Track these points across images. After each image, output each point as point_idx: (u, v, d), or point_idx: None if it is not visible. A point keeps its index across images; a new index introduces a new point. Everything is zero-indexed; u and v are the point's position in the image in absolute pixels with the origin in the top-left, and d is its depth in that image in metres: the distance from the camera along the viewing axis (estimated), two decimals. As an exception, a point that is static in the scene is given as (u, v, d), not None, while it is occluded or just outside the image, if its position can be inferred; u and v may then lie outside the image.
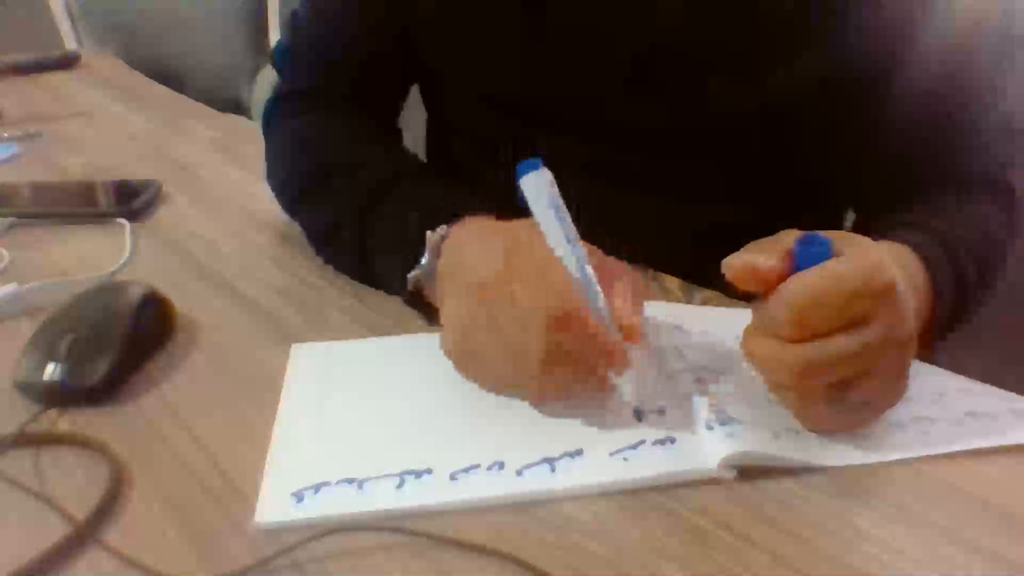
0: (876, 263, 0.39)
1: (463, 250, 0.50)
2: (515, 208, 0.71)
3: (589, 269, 0.44)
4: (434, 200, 0.56)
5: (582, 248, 0.44)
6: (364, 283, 0.60)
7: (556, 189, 0.44)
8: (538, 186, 0.43)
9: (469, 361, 0.47)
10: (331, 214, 0.62)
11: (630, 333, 0.44)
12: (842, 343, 0.38)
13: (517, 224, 0.48)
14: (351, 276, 0.61)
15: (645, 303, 0.55)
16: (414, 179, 0.61)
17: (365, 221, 0.58)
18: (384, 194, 0.58)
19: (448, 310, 0.48)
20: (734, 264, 0.40)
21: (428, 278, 0.52)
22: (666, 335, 0.52)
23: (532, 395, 0.46)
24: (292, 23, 0.74)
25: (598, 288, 0.44)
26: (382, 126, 0.74)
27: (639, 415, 0.45)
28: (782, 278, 0.39)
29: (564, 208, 0.44)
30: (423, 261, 0.52)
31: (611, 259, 0.48)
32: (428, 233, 0.52)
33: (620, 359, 0.44)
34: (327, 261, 0.64)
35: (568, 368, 0.44)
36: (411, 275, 0.53)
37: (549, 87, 0.65)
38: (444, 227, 0.52)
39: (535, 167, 0.44)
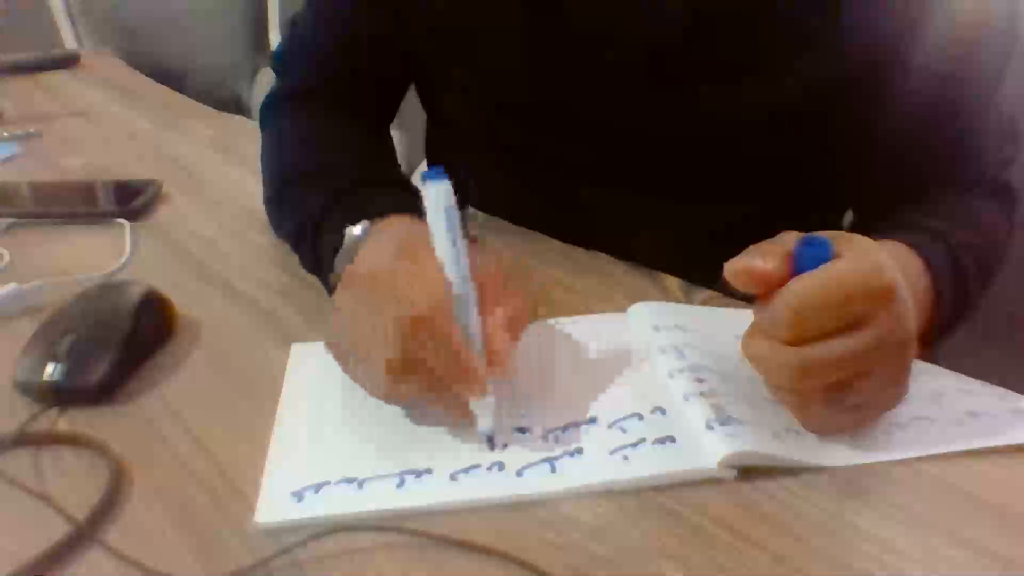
0: (876, 265, 0.39)
1: (363, 247, 0.50)
2: (513, 209, 0.71)
3: (469, 284, 0.43)
4: (379, 208, 0.55)
5: (467, 262, 0.43)
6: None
7: (453, 201, 0.44)
8: (436, 195, 0.43)
9: (341, 352, 0.46)
10: (292, 221, 0.62)
11: (494, 358, 0.43)
12: (841, 345, 0.38)
13: (420, 227, 0.46)
14: None
15: (654, 303, 0.56)
16: (372, 188, 0.60)
17: (319, 232, 0.58)
18: (336, 203, 0.57)
19: (334, 301, 0.47)
20: (735, 267, 0.40)
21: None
22: (666, 335, 0.52)
23: (381, 395, 0.44)
24: (291, 26, 0.75)
25: (473, 304, 0.43)
26: (373, 127, 0.74)
27: (491, 444, 0.43)
28: (783, 280, 0.39)
29: (458, 220, 0.43)
30: (338, 257, 0.52)
31: (505, 281, 0.46)
32: (347, 228, 0.52)
33: (476, 381, 0.42)
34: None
35: (421, 377, 0.42)
36: (333, 275, 0.53)
37: (551, 89, 0.65)
38: (366, 223, 0.52)
39: (438, 175, 0.43)
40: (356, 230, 0.52)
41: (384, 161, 0.69)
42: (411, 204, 0.51)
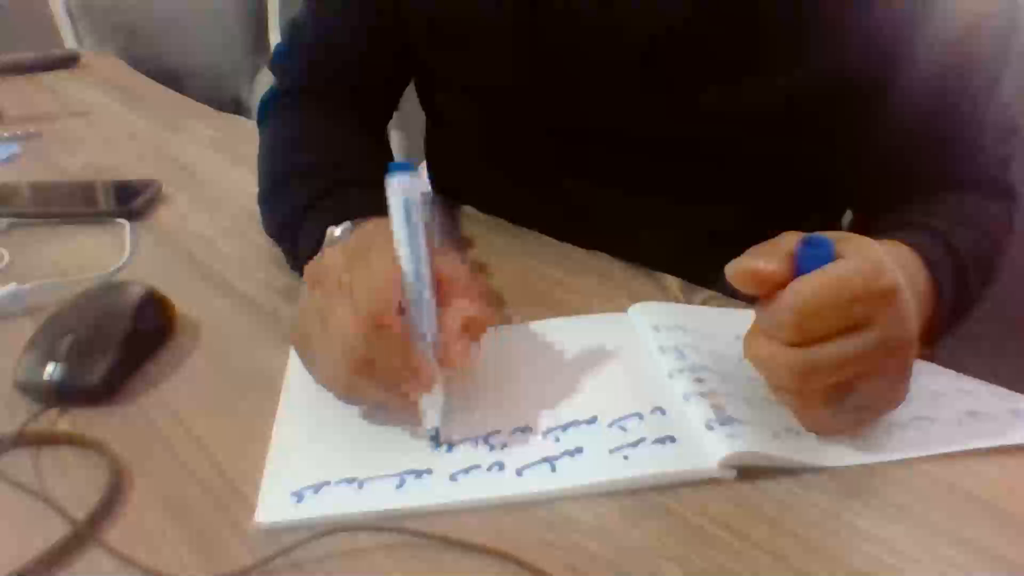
0: (878, 265, 0.39)
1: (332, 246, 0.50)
2: (513, 208, 0.71)
3: (425, 282, 0.43)
4: (357, 209, 0.54)
5: (426, 259, 0.43)
6: None
7: (419, 196, 0.43)
8: (399, 190, 0.43)
9: (302, 352, 0.46)
10: (275, 222, 0.63)
11: (447, 357, 0.43)
12: (843, 346, 0.38)
13: (383, 224, 0.46)
14: None
15: (654, 303, 0.56)
16: (354, 188, 0.59)
17: (297, 233, 0.58)
18: (312, 206, 0.57)
19: (300, 300, 0.47)
20: (737, 268, 0.40)
21: None
22: (666, 335, 0.52)
23: (338, 394, 0.44)
24: (289, 26, 0.75)
25: (429, 302, 0.43)
26: (370, 126, 0.74)
27: (436, 443, 0.43)
28: (784, 281, 0.39)
29: (420, 216, 0.43)
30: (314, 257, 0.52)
31: (468, 280, 0.46)
32: (329, 228, 0.52)
33: (423, 379, 0.42)
34: None
35: (373, 376, 0.42)
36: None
37: (546, 87, 0.65)
38: (348, 223, 0.52)
39: (406, 170, 0.43)
40: (337, 231, 0.52)
41: (374, 160, 0.68)
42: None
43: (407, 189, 0.43)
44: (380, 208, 0.50)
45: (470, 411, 0.46)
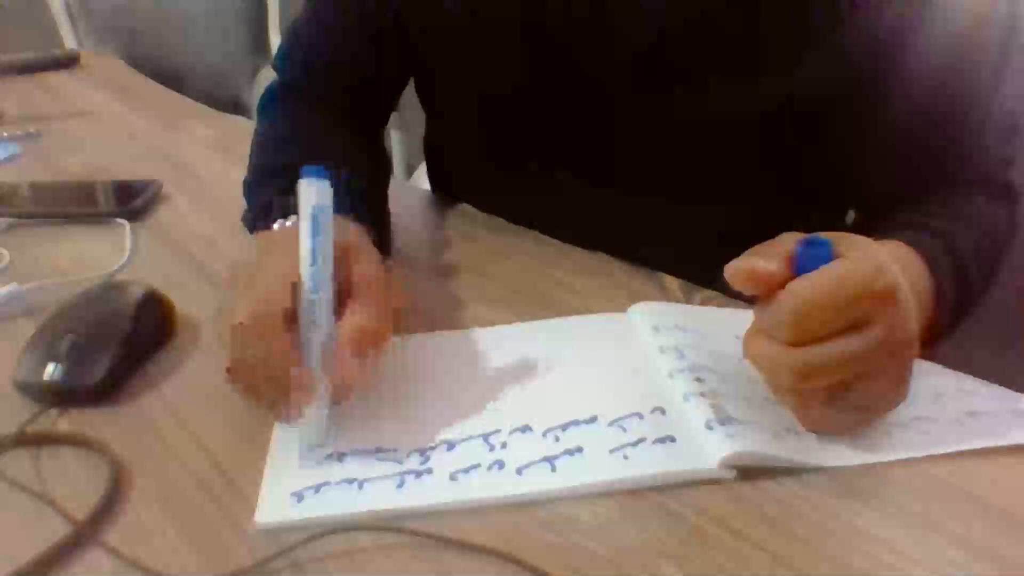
0: (877, 265, 0.39)
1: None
2: (512, 208, 0.71)
3: (323, 289, 0.42)
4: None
5: (327, 266, 0.42)
6: None
7: (328, 202, 0.42)
8: (308, 193, 0.42)
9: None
10: (252, 214, 0.63)
11: (336, 369, 0.42)
12: (843, 346, 0.38)
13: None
14: None
15: (654, 303, 0.56)
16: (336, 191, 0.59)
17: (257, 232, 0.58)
18: (273, 207, 0.57)
19: None
20: (735, 268, 0.40)
21: None
22: (666, 335, 0.52)
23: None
24: (291, 26, 0.75)
25: (324, 311, 0.42)
26: (366, 125, 0.74)
27: (310, 458, 0.42)
28: (783, 281, 0.39)
29: (328, 221, 0.42)
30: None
31: (380, 291, 0.45)
32: (279, 222, 0.53)
33: (299, 390, 0.41)
34: None
35: (254, 380, 0.42)
36: None
37: (546, 86, 0.65)
38: (285, 221, 0.52)
39: (317, 174, 0.42)
40: (287, 223, 0.53)
41: (366, 162, 0.68)
42: (348, 207, 0.51)
43: (315, 192, 0.42)
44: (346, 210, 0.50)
45: (470, 411, 0.46)
